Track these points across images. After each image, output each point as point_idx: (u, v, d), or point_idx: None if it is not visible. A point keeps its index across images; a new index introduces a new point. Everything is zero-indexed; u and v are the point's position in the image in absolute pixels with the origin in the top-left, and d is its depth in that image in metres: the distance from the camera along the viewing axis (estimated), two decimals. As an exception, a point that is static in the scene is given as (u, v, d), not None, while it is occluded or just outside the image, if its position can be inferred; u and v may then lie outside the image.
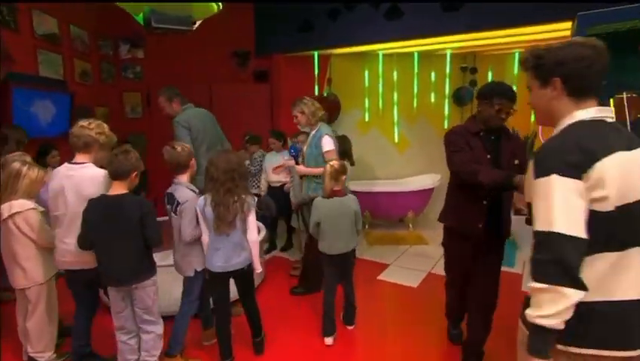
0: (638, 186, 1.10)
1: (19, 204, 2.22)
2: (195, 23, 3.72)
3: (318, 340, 2.78)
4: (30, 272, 2.30)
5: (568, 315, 1.05)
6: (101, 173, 2.18)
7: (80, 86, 4.77)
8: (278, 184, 4.40)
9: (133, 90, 5.69)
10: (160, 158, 2.79)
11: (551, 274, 1.04)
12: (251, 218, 2.33)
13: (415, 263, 4.18)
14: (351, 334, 2.88)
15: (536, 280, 1.07)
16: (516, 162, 2.14)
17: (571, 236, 1.05)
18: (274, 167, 4.39)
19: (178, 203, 2.32)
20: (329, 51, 5.47)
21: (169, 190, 2.42)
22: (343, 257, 2.76)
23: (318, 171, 3.13)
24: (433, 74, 5.60)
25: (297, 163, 3.53)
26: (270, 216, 5.06)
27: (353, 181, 5.34)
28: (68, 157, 2.27)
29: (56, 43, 4.39)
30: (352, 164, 4.49)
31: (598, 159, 1.06)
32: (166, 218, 2.46)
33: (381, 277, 3.87)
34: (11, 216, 2.21)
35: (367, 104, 5.77)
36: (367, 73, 5.69)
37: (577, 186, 1.06)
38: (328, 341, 2.74)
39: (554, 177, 1.07)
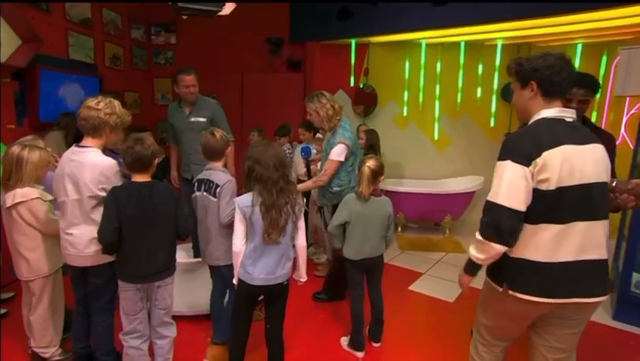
0: (577, 173, 1.39)
1: (23, 193, 2.06)
2: (224, 5, 3.51)
3: (341, 352, 2.52)
4: (34, 263, 2.15)
5: (494, 259, 1.49)
6: (102, 161, 1.95)
7: (110, 70, 4.69)
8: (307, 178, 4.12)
9: (164, 76, 5.58)
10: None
11: (487, 233, 1.44)
12: (301, 221, 2.02)
13: (451, 274, 3.78)
14: (377, 351, 2.57)
15: (479, 233, 1.48)
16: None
17: (508, 208, 1.40)
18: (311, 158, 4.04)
19: (217, 185, 2.23)
20: (367, 39, 5.13)
21: (202, 176, 2.33)
22: (371, 263, 2.47)
23: (309, 186, 2.95)
24: (480, 67, 5.10)
25: (306, 166, 3.25)
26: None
27: (386, 179, 5.02)
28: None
29: (87, 26, 4.31)
30: None
31: (544, 150, 1.38)
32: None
33: (413, 287, 3.52)
34: (14, 205, 2.05)
35: (406, 98, 5.37)
36: (407, 63, 5.28)
37: (524, 171, 1.39)
38: (359, 355, 2.50)
39: (508, 162, 1.42)
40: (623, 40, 4.19)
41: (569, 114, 1.48)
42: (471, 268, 1.59)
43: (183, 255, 3.27)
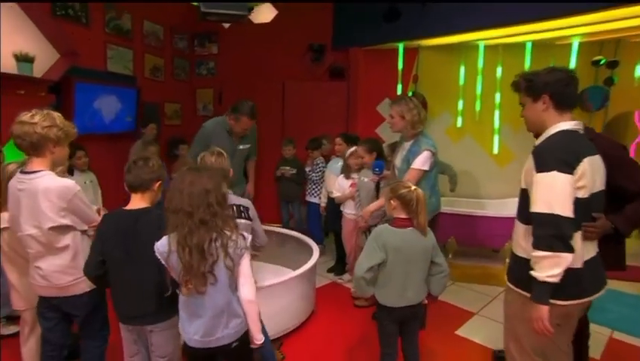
0: (597, 181, 1.59)
1: (6, 218, 1.89)
2: (251, 9, 3.28)
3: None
4: (24, 293, 1.99)
5: (562, 273, 1.48)
6: (58, 184, 1.69)
7: (149, 81, 4.68)
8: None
9: (206, 87, 5.52)
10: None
11: (556, 245, 1.45)
12: (244, 265, 1.56)
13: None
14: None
15: (540, 248, 1.48)
16: None
17: (566, 217, 1.46)
18: (347, 190, 3.55)
19: (247, 208, 2.14)
20: (417, 43, 4.64)
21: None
22: (411, 311, 2.00)
23: (381, 205, 2.54)
24: (552, 69, 4.38)
25: (378, 184, 2.87)
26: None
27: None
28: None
29: (127, 38, 4.31)
30: None
31: (580, 159, 1.51)
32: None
33: (461, 331, 2.96)
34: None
35: (460, 107, 4.78)
36: (462, 69, 4.70)
37: (570, 180, 1.49)
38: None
39: (555, 173, 1.48)
40: None
41: (581, 127, 1.62)
42: (545, 292, 1.49)
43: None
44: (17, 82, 3.15)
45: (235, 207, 2.08)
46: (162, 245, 1.51)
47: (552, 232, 1.44)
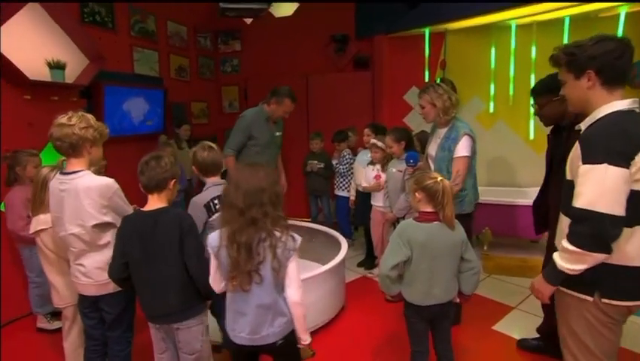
0: None
1: (45, 220, 1.97)
2: (270, 3, 3.23)
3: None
4: (62, 291, 2.06)
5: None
6: (99, 182, 1.75)
7: (175, 81, 4.75)
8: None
9: (231, 84, 5.55)
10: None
11: (588, 245, 1.31)
12: (291, 267, 1.53)
13: (552, 311, 2.99)
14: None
15: (572, 244, 1.34)
16: None
17: (611, 215, 1.27)
18: (372, 181, 3.46)
19: None
20: (443, 26, 4.46)
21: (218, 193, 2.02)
22: (440, 310, 1.91)
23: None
24: (592, 47, 4.08)
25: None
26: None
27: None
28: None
29: (152, 40, 4.38)
30: None
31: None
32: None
33: (498, 326, 2.83)
34: (37, 232, 1.97)
35: (492, 91, 4.56)
36: (493, 51, 4.47)
37: (624, 174, 1.27)
38: None
39: (604, 166, 1.27)
40: None
41: (637, 105, 1.39)
42: (556, 277, 1.44)
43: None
44: (50, 89, 3.27)
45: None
46: (213, 239, 1.53)
47: (590, 231, 1.30)
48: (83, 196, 1.71)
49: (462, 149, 2.48)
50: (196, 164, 2.10)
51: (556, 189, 2.13)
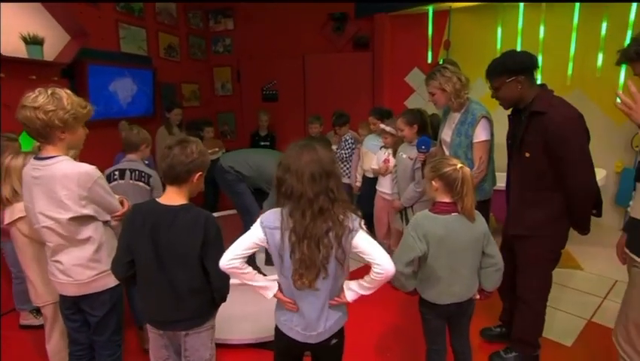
0: None
1: (20, 209, 1.75)
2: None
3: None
4: (40, 288, 1.87)
5: None
6: (77, 169, 1.52)
7: (165, 61, 4.47)
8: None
9: (223, 65, 5.29)
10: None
11: None
12: (363, 243, 1.33)
13: (566, 302, 2.89)
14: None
15: None
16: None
17: None
18: (382, 163, 3.28)
19: (148, 175, 2.39)
20: (448, 4, 4.26)
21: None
22: (458, 308, 1.76)
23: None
24: (604, 25, 3.91)
25: (423, 163, 2.62)
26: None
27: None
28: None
29: (139, 17, 4.09)
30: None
31: None
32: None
33: (510, 318, 2.72)
34: (14, 222, 1.76)
35: (497, 73, 4.39)
36: (499, 31, 4.28)
37: None
38: None
39: None
40: None
41: None
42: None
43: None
44: (28, 66, 3.00)
45: (137, 172, 2.37)
46: (271, 220, 1.35)
47: None
48: (59, 186, 1.49)
49: (482, 133, 2.32)
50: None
51: (516, 172, 2.07)
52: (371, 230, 3.62)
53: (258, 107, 5.01)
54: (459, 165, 1.65)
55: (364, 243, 1.34)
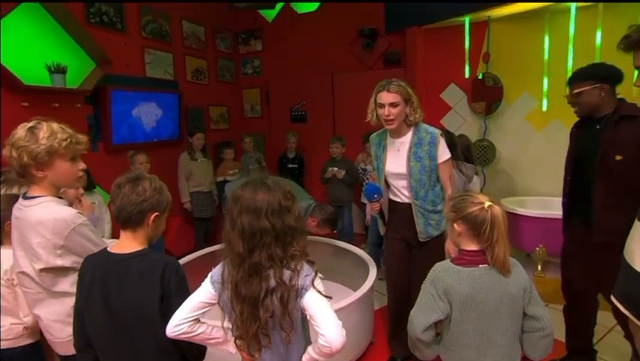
0: None
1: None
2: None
3: None
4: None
5: None
6: (53, 215, 1.34)
7: (191, 85, 4.46)
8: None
9: (252, 86, 5.22)
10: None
11: None
12: (314, 304, 1.11)
13: (622, 354, 2.36)
14: None
15: None
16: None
17: None
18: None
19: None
20: (486, 14, 3.91)
21: None
22: None
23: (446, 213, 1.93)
24: (673, 29, 3.40)
25: (381, 213, 2.31)
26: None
27: (510, 198, 3.77)
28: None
29: (165, 42, 4.11)
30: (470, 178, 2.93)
31: None
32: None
33: (566, 377, 2.26)
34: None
35: (545, 87, 3.95)
36: (547, 39, 3.86)
37: None
38: None
39: None
40: None
41: None
42: None
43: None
44: (51, 95, 3.03)
45: None
46: (217, 274, 1.16)
47: None
48: (32, 233, 1.33)
49: (444, 151, 2.12)
50: None
51: (600, 181, 1.96)
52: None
53: (287, 129, 4.87)
54: (487, 204, 1.32)
55: (312, 305, 1.10)
